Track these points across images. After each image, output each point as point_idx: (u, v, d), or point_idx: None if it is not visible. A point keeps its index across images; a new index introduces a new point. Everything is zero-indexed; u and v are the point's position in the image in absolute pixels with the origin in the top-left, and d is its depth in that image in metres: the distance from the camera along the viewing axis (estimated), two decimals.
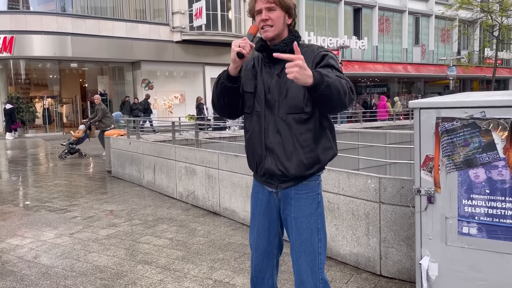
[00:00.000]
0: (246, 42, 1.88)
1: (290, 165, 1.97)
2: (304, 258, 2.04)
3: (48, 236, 4.67)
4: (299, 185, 2.03)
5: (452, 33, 33.24)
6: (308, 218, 2.03)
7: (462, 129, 2.36)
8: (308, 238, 2.03)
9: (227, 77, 1.98)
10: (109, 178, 8.51)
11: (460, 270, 2.43)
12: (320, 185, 2.11)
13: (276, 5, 1.96)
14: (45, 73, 21.16)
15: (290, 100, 1.94)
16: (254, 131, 2.06)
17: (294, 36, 2.03)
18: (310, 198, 2.04)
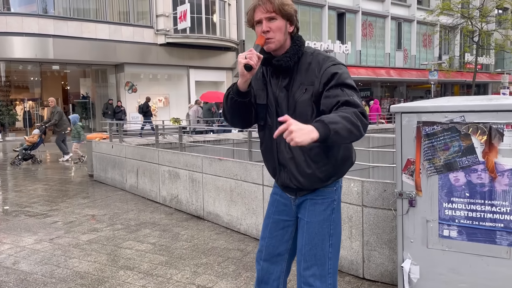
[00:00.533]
0: (253, 53, 1.79)
1: (304, 180, 1.95)
2: (314, 262, 1.99)
3: (28, 242, 4.57)
4: (316, 191, 2.00)
5: (434, 38, 33.84)
6: (321, 224, 2.00)
7: (443, 133, 2.39)
8: (320, 243, 1.99)
9: (236, 92, 1.90)
10: (91, 182, 8.38)
11: (441, 273, 2.46)
12: (338, 191, 2.05)
13: (276, 14, 1.86)
14: (26, 76, 20.80)
15: (298, 116, 1.82)
16: (267, 145, 2.04)
17: (297, 45, 1.93)
18: (325, 204, 2.01)
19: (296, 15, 1.94)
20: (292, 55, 1.90)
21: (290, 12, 1.88)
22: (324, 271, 1.99)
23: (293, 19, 1.92)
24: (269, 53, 1.92)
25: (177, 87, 21.97)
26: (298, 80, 1.91)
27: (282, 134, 1.64)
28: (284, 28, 1.90)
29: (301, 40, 1.95)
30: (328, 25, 27.64)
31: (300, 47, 1.93)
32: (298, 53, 1.92)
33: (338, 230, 2.05)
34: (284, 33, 1.90)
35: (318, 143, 1.67)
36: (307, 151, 1.90)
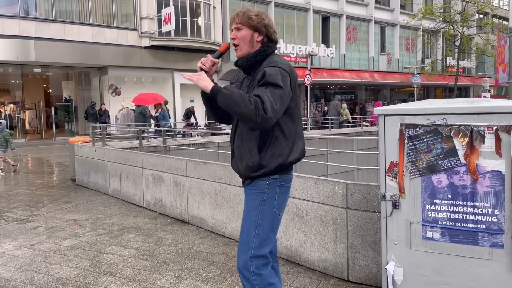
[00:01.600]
0: (208, 59, 2.21)
1: (242, 167, 2.26)
2: (240, 246, 2.25)
3: (7, 248, 4.46)
4: (252, 183, 2.26)
5: (416, 42, 34.31)
6: (250, 212, 2.25)
7: (425, 136, 2.41)
8: (246, 230, 2.24)
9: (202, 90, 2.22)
10: (73, 186, 8.25)
11: (425, 274, 2.47)
12: (272, 187, 2.23)
13: (242, 25, 2.23)
14: (7, 78, 20.40)
15: None
16: (231, 135, 2.39)
17: (259, 51, 2.24)
18: (256, 195, 2.24)
19: (266, 27, 2.25)
20: (249, 58, 2.24)
21: (256, 25, 2.22)
22: (246, 256, 2.20)
23: (261, 30, 2.24)
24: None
25: (162, 90, 21.76)
26: (255, 80, 2.19)
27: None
28: (250, 37, 2.24)
29: (265, 47, 2.25)
30: (313, 28, 27.80)
31: (262, 52, 2.23)
32: (256, 56, 2.23)
33: (267, 222, 2.24)
34: (250, 41, 2.24)
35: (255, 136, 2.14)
36: (248, 141, 2.20)
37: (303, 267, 3.78)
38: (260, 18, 2.24)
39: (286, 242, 3.95)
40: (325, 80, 26.92)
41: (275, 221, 2.29)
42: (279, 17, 26.43)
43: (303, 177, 3.77)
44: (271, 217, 2.25)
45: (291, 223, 3.88)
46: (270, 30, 2.27)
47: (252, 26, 2.23)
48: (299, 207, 3.78)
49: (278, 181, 2.25)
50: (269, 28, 2.27)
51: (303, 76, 21.71)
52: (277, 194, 2.26)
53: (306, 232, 3.75)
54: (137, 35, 20.24)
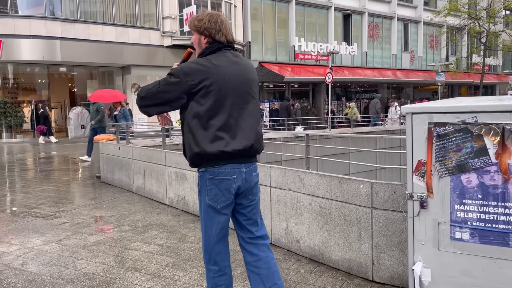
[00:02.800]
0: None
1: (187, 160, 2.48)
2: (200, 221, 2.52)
3: (36, 243, 4.58)
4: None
5: (441, 39, 33.66)
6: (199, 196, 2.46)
7: (454, 134, 2.36)
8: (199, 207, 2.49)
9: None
10: (98, 183, 8.41)
11: (453, 276, 2.43)
12: (204, 178, 2.40)
13: (192, 30, 2.47)
14: (34, 78, 20.94)
15: None
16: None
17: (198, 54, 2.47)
18: (200, 182, 2.44)
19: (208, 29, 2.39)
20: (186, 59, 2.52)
21: (199, 29, 2.41)
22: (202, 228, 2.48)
23: (204, 33, 2.41)
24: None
25: None
26: None
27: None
28: (198, 41, 2.45)
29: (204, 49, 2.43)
30: (334, 26, 27.58)
31: (200, 54, 2.43)
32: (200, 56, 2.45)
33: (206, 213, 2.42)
34: (199, 44, 2.45)
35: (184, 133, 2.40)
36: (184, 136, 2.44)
37: (326, 266, 3.76)
38: (202, 22, 2.39)
39: (309, 241, 3.94)
40: (347, 78, 26.68)
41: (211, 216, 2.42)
42: (300, 15, 26.31)
43: (326, 176, 3.74)
44: (202, 205, 2.43)
45: (315, 222, 3.86)
46: (211, 31, 2.39)
47: (198, 30, 2.43)
48: (323, 206, 3.76)
49: (207, 176, 2.38)
50: (210, 30, 2.39)
51: (324, 74, 21.56)
52: (205, 185, 2.40)
53: (330, 231, 3.73)
54: (159, 35, 20.48)
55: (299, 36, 25.63)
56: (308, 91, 27.99)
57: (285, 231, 4.21)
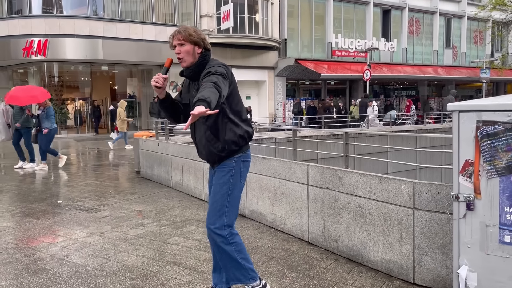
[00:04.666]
0: (159, 77, 2.58)
1: (205, 154, 2.81)
2: (212, 212, 2.76)
3: (79, 235, 4.76)
4: (221, 164, 2.79)
5: (485, 34, 32.28)
6: (222, 185, 2.76)
7: (505, 133, 2.26)
8: (219, 199, 2.75)
9: (159, 101, 2.76)
10: (138, 178, 8.63)
11: (501, 281, 2.33)
12: (238, 164, 2.80)
13: (185, 41, 2.68)
14: (77, 76, 21.73)
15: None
16: (191, 131, 2.90)
17: (198, 61, 2.71)
18: (225, 172, 2.78)
19: (203, 41, 2.71)
20: (194, 67, 2.71)
21: (197, 40, 2.68)
22: (221, 220, 2.73)
23: (199, 44, 2.70)
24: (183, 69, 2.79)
25: None
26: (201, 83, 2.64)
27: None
28: (192, 51, 2.70)
29: (204, 55, 2.73)
30: (373, 22, 27.02)
31: (203, 60, 2.71)
32: (199, 66, 2.70)
33: (236, 192, 2.81)
34: (192, 54, 2.70)
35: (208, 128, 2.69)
36: (203, 134, 2.75)
37: (365, 267, 3.70)
38: (198, 34, 2.69)
39: (348, 241, 3.88)
40: (385, 75, 26.09)
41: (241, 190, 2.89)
42: (337, 12, 25.95)
43: (366, 175, 3.67)
44: (239, 188, 2.84)
45: (353, 221, 3.80)
46: (206, 42, 2.74)
47: (193, 41, 2.68)
48: (362, 206, 3.70)
49: (242, 160, 2.82)
50: (205, 41, 2.73)
51: (362, 71, 21.19)
52: (240, 170, 2.83)
53: (369, 232, 3.66)
54: None
55: (336, 32, 25.28)
56: (345, 88, 27.59)
57: (323, 230, 4.17)
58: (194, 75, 2.73)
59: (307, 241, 4.39)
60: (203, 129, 2.73)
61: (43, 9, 18.58)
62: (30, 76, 20.38)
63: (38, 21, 18.13)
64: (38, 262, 3.91)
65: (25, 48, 17.97)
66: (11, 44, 18.32)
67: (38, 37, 17.92)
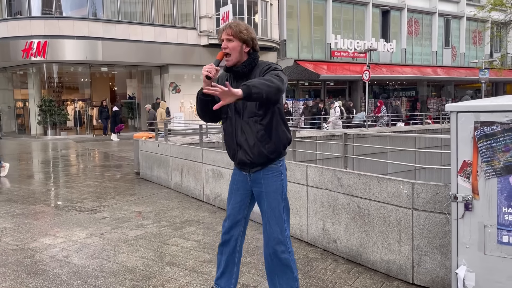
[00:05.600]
0: (212, 67, 2.44)
1: (254, 156, 2.60)
2: (274, 220, 2.64)
3: (79, 236, 4.76)
4: (266, 168, 2.65)
5: (484, 35, 32.31)
6: (275, 192, 2.65)
7: (503, 134, 2.27)
8: (277, 206, 2.64)
9: (203, 94, 2.56)
10: (137, 179, 8.63)
11: (499, 281, 2.34)
12: (283, 167, 2.70)
13: (234, 37, 2.57)
14: (77, 77, 21.72)
15: (249, 107, 2.57)
16: (228, 131, 2.71)
17: (251, 59, 2.61)
18: (275, 177, 2.66)
19: (253, 41, 2.61)
20: (247, 65, 2.61)
21: (246, 38, 2.58)
22: (282, 226, 2.65)
23: (248, 42, 2.60)
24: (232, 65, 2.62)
25: None
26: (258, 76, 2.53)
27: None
28: (240, 48, 2.58)
29: (255, 56, 2.64)
30: (372, 23, 27.05)
31: (254, 60, 2.62)
32: (252, 63, 2.61)
33: (287, 195, 2.73)
34: (240, 52, 2.58)
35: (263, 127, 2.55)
36: (255, 133, 2.58)
37: (364, 267, 3.71)
38: (249, 32, 2.59)
39: (347, 242, 3.89)
40: (385, 76, 26.11)
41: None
42: (336, 12, 25.97)
43: (365, 175, 3.68)
44: (286, 190, 2.73)
45: (352, 222, 3.81)
46: (255, 42, 2.64)
47: (242, 39, 2.57)
48: (361, 206, 3.71)
49: (284, 162, 2.74)
50: (254, 41, 2.64)
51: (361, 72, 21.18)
52: (285, 173, 2.74)
53: (368, 232, 3.67)
54: (196, 34, 20.76)
55: (335, 33, 25.30)
56: (344, 89, 27.59)
57: (322, 230, 4.17)
58: (243, 74, 2.61)
59: (307, 242, 4.40)
60: (256, 129, 2.57)
61: (42, 11, 18.58)
62: (30, 77, 20.39)
63: (38, 23, 18.13)
64: (38, 264, 3.92)
65: (24, 49, 17.97)
66: (11, 46, 18.32)
67: (38, 38, 17.92)
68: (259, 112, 2.55)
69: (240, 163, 2.70)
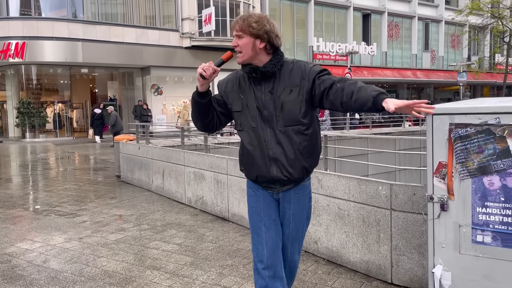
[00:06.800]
0: (210, 66, 2.15)
1: (294, 171, 2.22)
2: (298, 243, 2.40)
3: (58, 241, 4.68)
4: (298, 186, 2.31)
5: (462, 38, 33.04)
6: (303, 212, 2.37)
7: (476, 136, 2.32)
8: (301, 227, 2.39)
9: (196, 93, 2.24)
10: (118, 183, 8.54)
11: (474, 279, 2.39)
12: (310, 183, 2.43)
13: (243, 33, 2.18)
14: (56, 79, 21.37)
15: (287, 113, 2.17)
16: (252, 145, 2.26)
17: (279, 56, 2.23)
18: (305, 196, 2.36)
19: (268, 33, 2.18)
20: (276, 63, 2.21)
21: (258, 32, 2.16)
22: (301, 246, 2.45)
23: (262, 37, 2.17)
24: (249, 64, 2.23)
25: None
26: (282, 84, 2.20)
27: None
28: (252, 45, 2.18)
29: (280, 54, 2.26)
30: (353, 26, 27.37)
31: (281, 59, 2.24)
32: (280, 61, 2.23)
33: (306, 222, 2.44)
34: (252, 48, 2.18)
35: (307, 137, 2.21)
36: (297, 145, 2.20)
37: (344, 268, 3.74)
38: (261, 25, 2.16)
39: (327, 243, 3.92)
40: (366, 78, 26.41)
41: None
42: (318, 15, 26.19)
43: (345, 177, 3.72)
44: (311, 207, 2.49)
45: (333, 223, 3.85)
46: (271, 35, 2.19)
47: (253, 33, 2.17)
48: (341, 207, 3.74)
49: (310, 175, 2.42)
50: (270, 34, 2.19)
51: (343, 74, 21.40)
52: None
53: (348, 233, 3.70)
54: (178, 36, 20.66)
55: (317, 36, 25.51)
56: None
57: None
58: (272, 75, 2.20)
59: None
60: (299, 139, 2.19)
61: (21, 11, 18.23)
62: (8, 79, 19.97)
63: (16, 23, 17.78)
64: (14, 269, 3.84)
65: (2, 50, 17.60)
66: None
67: (16, 39, 17.56)
68: (304, 121, 2.19)
69: (269, 180, 2.27)
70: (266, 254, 2.26)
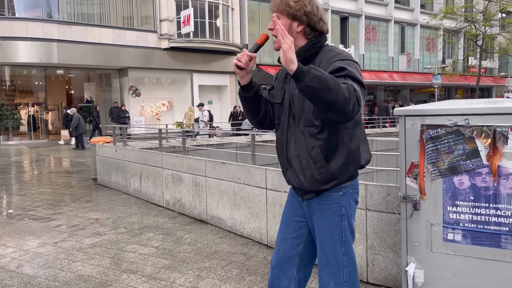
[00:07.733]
0: (243, 54, 1.88)
1: (305, 180, 1.93)
2: (327, 270, 1.97)
3: (31, 245, 4.58)
4: (321, 196, 1.96)
5: (437, 42, 33.78)
6: (330, 230, 1.95)
7: (447, 136, 2.38)
8: (331, 251, 1.96)
9: (240, 88, 2.01)
10: (94, 186, 8.40)
11: (446, 277, 2.45)
12: (347, 197, 1.97)
13: (280, 13, 1.90)
14: (31, 80, 20.91)
15: (306, 112, 1.89)
16: (279, 142, 2.06)
17: (310, 43, 1.92)
18: (331, 210, 1.95)
19: (308, 15, 1.89)
20: (302, 51, 1.90)
21: (295, 13, 1.87)
22: (339, 279, 1.95)
23: (301, 19, 1.89)
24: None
25: (181, 91, 22.01)
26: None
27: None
28: (287, 28, 1.88)
29: (317, 39, 1.93)
30: (331, 29, 27.64)
31: (314, 45, 1.91)
32: (310, 50, 1.90)
33: (352, 237, 2.01)
34: (288, 32, 1.83)
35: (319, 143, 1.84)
36: (309, 149, 1.88)
37: None
38: (301, 5, 1.87)
39: None
40: None
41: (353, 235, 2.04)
42: None
43: None
44: (353, 231, 2.02)
45: None
46: (313, 18, 1.89)
47: (290, 14, 1.88)
48: None
49: (350, 190, 1.99)
50: (311, 16, 1.89)
51: None
52: (350, 205, 2.00)
53: None
54: (156, 37, 20.48)
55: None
56: None
57: None
58: (303, 62, 1.75)
59: (266, 245, 4.44)
60: (311, 144, 1.88)
61: None
62: None
63: None
64: None
65: None
66: None
67: None
68: (315, 122, 1.87)
69: (290, 183, 2.08)
70: (273, 262, 2.11)
